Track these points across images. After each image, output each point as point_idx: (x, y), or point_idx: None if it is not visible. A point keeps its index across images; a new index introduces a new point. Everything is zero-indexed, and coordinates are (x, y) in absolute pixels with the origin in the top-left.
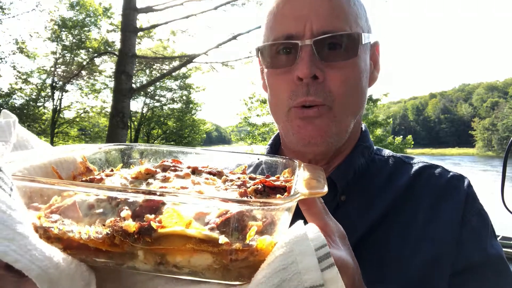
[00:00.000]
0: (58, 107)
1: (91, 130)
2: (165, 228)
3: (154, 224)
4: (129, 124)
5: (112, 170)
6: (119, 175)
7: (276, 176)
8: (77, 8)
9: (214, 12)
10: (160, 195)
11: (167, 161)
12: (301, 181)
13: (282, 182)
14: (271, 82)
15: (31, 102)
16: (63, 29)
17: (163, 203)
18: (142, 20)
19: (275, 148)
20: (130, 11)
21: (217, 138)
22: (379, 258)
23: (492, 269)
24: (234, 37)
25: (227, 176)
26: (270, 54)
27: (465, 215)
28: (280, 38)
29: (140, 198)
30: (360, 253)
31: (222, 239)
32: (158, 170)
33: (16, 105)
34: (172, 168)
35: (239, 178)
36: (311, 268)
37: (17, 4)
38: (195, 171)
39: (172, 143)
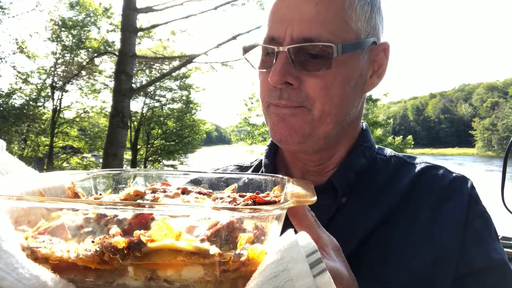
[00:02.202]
0: (58, 107)
1: (91, 130)
2: (154, 242)
3: (143, 238)
4: (129, 124)
5: (100, 195)
6: (108, 198)
7: (266, 193)
8: (77, 8)
9: (214, 12)
10: (149, 207)
11: (156, 184)
12: (290, 192)
13: (272, 198)
14: (259, 79)
15: (31, 102)
16: (63, 29)
17: (153, 219)
18: (142, 20)
19: (274, 150)
20: (130, 11)
21: (217, 138)
22: (380, 259)
23: (495, 273)
24: (234, 37)
25: (217, 195)
26: (259, 54)
27: (468, 217)
28: (266, 40)
29: (129, 213)
30: (362, 254)
31: (213, 249)
32: (148, 191)
33: (16, 105)
34: (162, 190)
35: (229, 196)
36: (303, 274)
37: (17, 4)
38: (184, 192)
39: (172, 143)
